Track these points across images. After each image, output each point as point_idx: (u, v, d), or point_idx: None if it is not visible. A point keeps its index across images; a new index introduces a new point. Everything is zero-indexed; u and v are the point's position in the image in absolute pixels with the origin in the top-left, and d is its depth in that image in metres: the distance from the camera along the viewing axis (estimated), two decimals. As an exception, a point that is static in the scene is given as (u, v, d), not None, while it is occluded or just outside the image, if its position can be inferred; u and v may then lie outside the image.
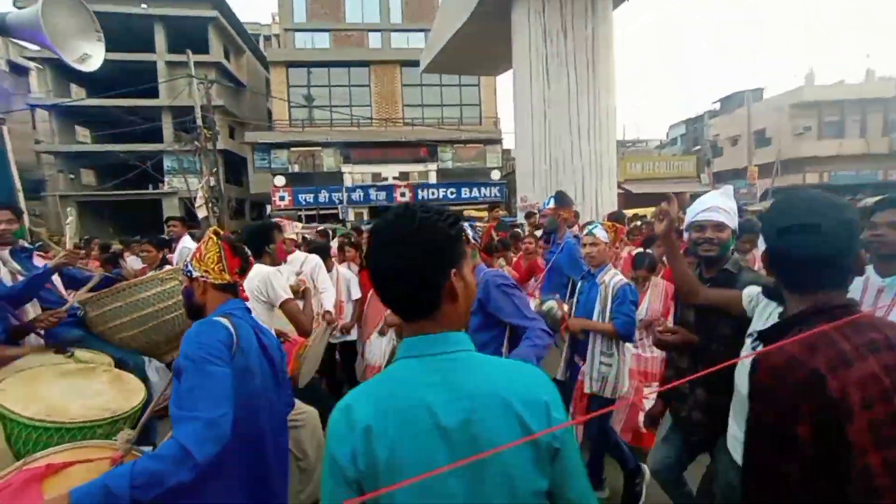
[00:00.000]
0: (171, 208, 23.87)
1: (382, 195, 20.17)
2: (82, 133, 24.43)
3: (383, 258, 0.76)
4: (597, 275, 2.67)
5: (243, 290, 1.67)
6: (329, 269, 4.34)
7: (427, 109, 21.71)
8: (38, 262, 2.76)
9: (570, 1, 6.24)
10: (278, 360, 1.56)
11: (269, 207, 20.73)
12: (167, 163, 24.02)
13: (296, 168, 20.42)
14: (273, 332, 1.67)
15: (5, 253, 2.59)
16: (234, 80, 25.68)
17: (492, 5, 6.97)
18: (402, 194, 20.31)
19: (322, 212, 19.18)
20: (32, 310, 2.46)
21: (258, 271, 2.31)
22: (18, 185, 4.07)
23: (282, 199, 19.43)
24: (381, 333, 3.81)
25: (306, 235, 7.76)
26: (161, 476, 1.11)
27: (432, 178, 21.00)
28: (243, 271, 1.56)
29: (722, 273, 1.88)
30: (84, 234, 12.56)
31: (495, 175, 21.56)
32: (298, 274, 3.59)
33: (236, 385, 1.30)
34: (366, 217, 20.08)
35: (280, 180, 19.66)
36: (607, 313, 2.54)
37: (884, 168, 22.27)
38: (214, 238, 1.52)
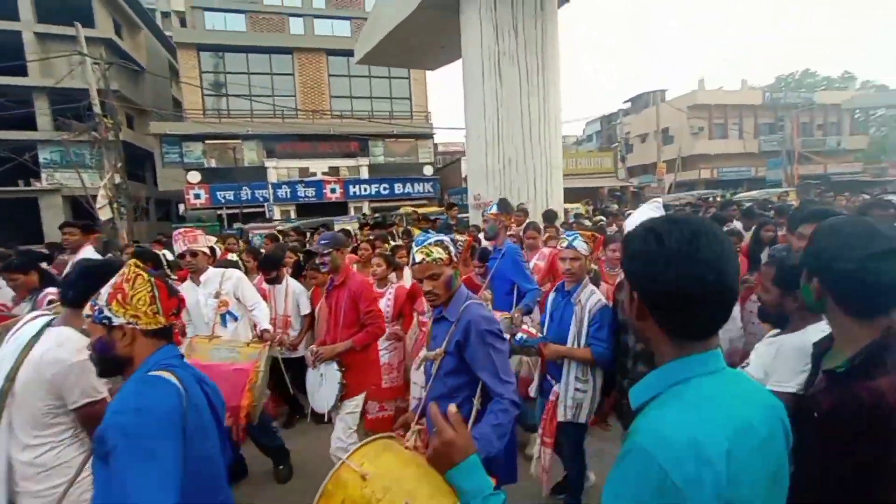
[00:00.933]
0: (51, 208, 20.54)
1: (311, 191, 19.17)
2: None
3: (724, 276, 0.70)
4: (573, 293, 2.47)
5: (177, 333, 1.37)
6: (279, 281, 3.96)
7: (356, 102, 20.95)
8: None
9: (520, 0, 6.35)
10: (221, 412, 1.32)
11: (181, 206, 18.66)
12: (44, 154, 20.63)
13: (213, 163, 18.59)
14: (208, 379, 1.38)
15: None
16: (131, 61, 22.65)
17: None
18: (333, 190, 19.48)
19: (245, 210, 17.72)
20: None
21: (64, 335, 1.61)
22: None
23: (197, 196, 17.60)
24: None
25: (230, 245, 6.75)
26: None
27: (364, 174, 20.40)
28: (178, 312, 1.29)
29: None
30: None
31: (428, 170, 21.54)
32: (217, 296, 3.13)
33: (192, 450, 1.08)
34: (293, 215, 18.93)
35: (194, 176, 17.77)
36: (583, 336, 2.39)
37: (755, 166, 26.06)
38: (144, 275, 1.22)
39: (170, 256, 4.62)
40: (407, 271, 4.00)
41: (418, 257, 1.74)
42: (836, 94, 27.89)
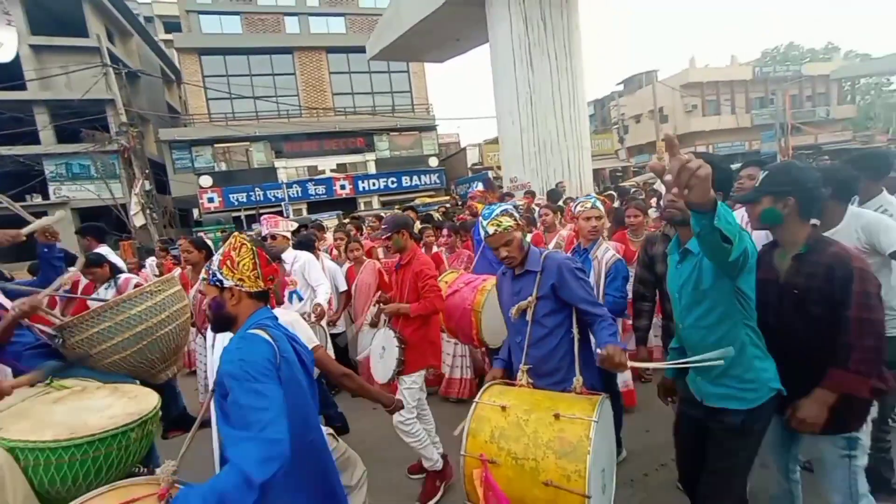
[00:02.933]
0: (61, 220, 20.61)
1: (322, 189, 19.45)
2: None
3: None
4: (590, 249, 2.67)
5: (273, 298, 1.62)
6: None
7: (358, 98, 21.19)
8: None
9: (547, -8, 6.77)
10: (310, 367, 1.51)
11: (195, 211, 18.87)
12: (49, 168, 20.63)
13: (223, 166, 18.78)
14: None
15: None
16: (126, 68, 22.58)
17: (469, -6, 7.26)
18: (342, 186, 19.77)
19: (261, 210, 17.95)
20: None
21: None
22: None
23: (210, 200, 17.81)
24: (372, 325, 3.73)
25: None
26: (223, 500, 1.05)
27: (371, 168, 20.70)
28: (274, 278, 1.49)
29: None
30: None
31: (433, 162, 21.89)
32: (288, 275, 3.47)
33: (287, 398, 1.25)
34: (304, 213, 19.21)
35: (206, 180, 17.97)
36: (601, 288, 2.55)
37: (749, 140, 26.72)
38: (248, 244, 1.41)
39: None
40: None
41: (490, 229, 1.89)
42: (823, 66, 28.65)
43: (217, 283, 1.38)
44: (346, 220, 5.93)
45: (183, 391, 3.57)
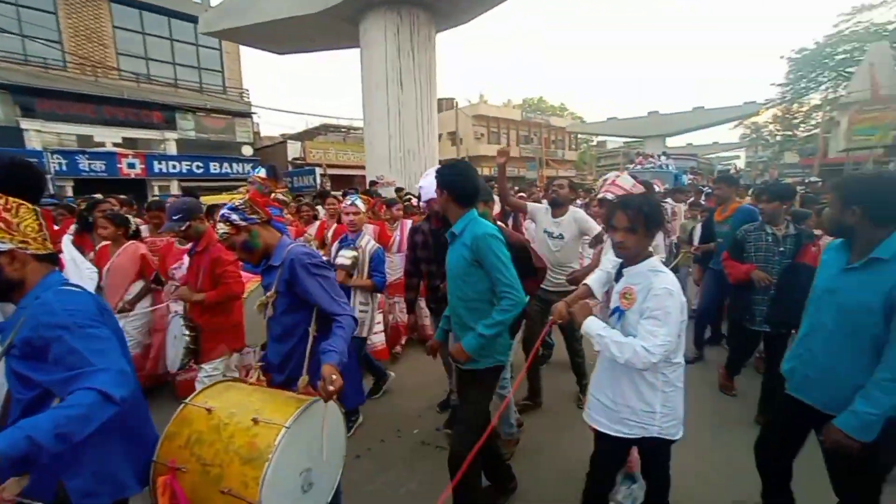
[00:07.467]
0: None
1: (101, 165, 15.71)
2: None
3: None
4: (355, 240, 3.12)
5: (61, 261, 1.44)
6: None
7: (154, 65, 17.95)
8: None
9: (416, 29, 8.24)
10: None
11: None
12: None
13: (-76, 116, 13.05)
14: None
15: None
16: None
17: (347, 11, 8.06)
18: (131, 165, 16.43)
19: None
20: None
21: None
22: None
23: None
24: (121, 311, 3.48)
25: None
26: (85, 419, 1.05)
27: (171, 149, 17.85)
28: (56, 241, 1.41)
29: None
30: None
31: (247, 150, 20.39)
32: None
33: (118, 345, 1.25)
34: (70, 193, 15.18)
35: None
36: (365, 271, 3.06)
37: (518, 167, 34.49)
38: (27, 204, 1.24)
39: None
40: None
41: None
42: (561, 120, 39.49)
43: None
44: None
45: None
